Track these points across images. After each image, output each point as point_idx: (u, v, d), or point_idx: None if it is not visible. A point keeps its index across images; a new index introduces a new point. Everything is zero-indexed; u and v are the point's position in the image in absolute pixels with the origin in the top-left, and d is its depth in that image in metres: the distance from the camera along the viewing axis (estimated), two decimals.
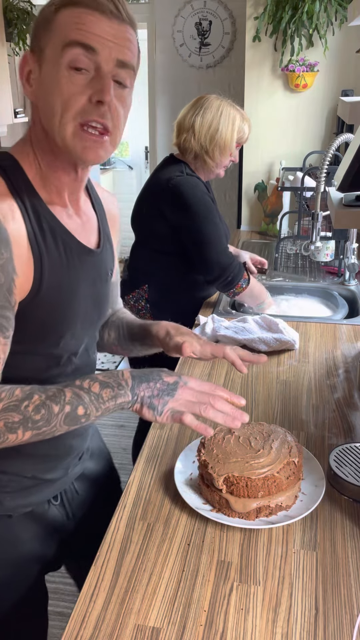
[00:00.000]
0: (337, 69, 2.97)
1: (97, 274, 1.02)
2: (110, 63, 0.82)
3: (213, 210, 1.88)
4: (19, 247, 0.84)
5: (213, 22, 4.48)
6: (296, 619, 0.84)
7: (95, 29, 0.81)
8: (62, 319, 0.95)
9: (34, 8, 4.28)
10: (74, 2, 0.82)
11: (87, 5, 0.81)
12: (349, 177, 1.11)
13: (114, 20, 0.83)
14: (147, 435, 1.30)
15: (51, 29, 0.83)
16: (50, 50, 0.83)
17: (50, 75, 0.83)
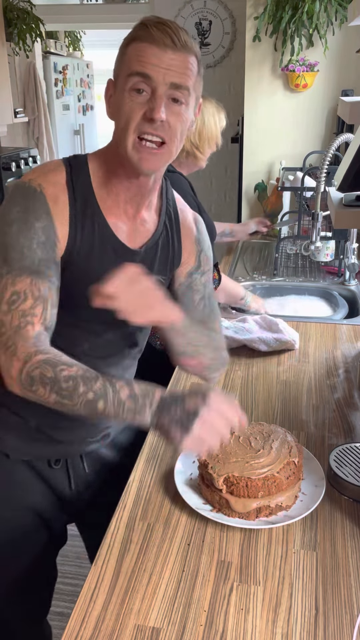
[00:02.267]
0: (337, 69, 2.97)
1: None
2: (164, 86, 0.97)
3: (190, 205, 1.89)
4: (58, 217, 1.00)
5: (213, 22, 4.48)
6: (296, 619, 0.84)
7: (152, 59, 0.96)
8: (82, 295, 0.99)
9: (33, 8, 4.28)
10: (138, 37, 0.98)
11: (147, 40, 0.97)
12: (349, 177, 1.11)
13: (169, 50, 0.97)
14: (147, 435, 1.29)
15: (122, 60, 0.99)
16: (120, 79, 0.99)
17: (120, 98, 0.99)
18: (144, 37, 0.97)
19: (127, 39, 1.00)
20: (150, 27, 0.96)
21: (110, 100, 1.04)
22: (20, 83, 5.21)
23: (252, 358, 1.66)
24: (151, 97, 0.97)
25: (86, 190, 1.03)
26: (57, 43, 6.18)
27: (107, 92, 1.05)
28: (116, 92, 1.01)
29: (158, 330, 1.37)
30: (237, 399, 1.45)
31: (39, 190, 0.99)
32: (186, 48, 0.98)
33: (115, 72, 1.02)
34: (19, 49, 4.29)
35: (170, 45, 0.96)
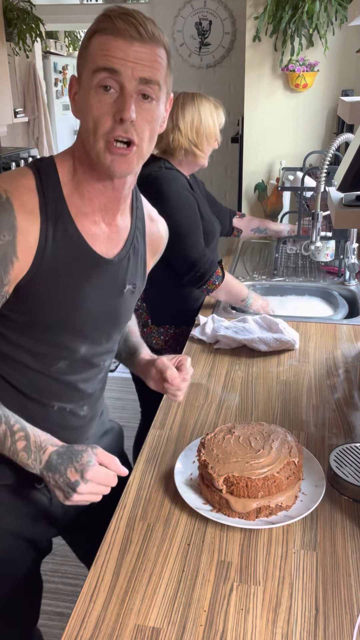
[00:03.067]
0: (337, 69, 2.97)
1: (109, 282, 1.07)
2: (133, 82, 0.91)
3: (189, 204, 1.87)
4: (27, 234, 0.93)
5: (213, 22, 4.48)
6: (296, 619, 0.84)
7: (118, 53, 0.90)
8: (65, 316, 1.01)
9: (33, 8, 4.28)
10: (101, 30, 0.91)
11: (111, 32, 0.90)
12: (349, 177, 1.11)
13: (136, 43, 0.91)
14: (147, 435, 1.30)
15: (85, 55, 0.94)
16: (85, 75, 0.94)
17: (85, 96, 0.93)
18: (108, 29, 0.90)
19: (90, 31, 0.93)
20: (114, 18, 0.90)
21: (75, 99, 0.97)
22: (20, 83, 5.21)
23: (252, 358, 1.66)
24: (120, 95, 0.91)
25: (57, 195, 0.97)
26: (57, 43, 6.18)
27: (71, 90, 0.98)
28: (81, 90, 0.95)
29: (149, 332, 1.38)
30: (237, 399, 1.45)
31: (5, 197, 0.91)
32: (154, 39, 0.92)
33: (79, 68, 0.96)
34: (19, 49, 4.29)
35: (137, 37, 0.90)
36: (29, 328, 1.00)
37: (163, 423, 1.34)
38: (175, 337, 2.01)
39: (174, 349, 2.00)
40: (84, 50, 0.94)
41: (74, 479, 0.96)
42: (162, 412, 1.38)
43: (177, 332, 2.01)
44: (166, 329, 2.00)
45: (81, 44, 0.96)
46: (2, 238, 0.90)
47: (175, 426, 1.32)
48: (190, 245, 1.85)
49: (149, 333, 2.00)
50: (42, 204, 0.94)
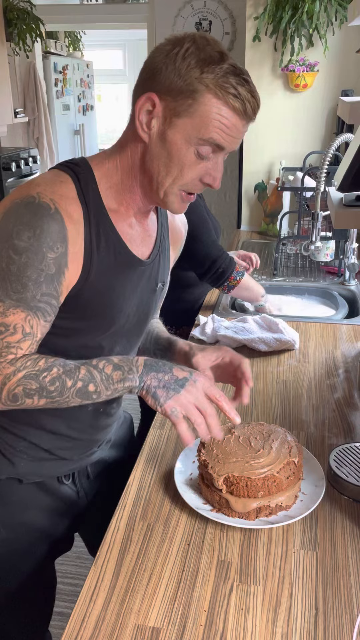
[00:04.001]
0: (337, 69, 2.97)
1: (145, 282, 1.10)
2: (227, 154, 0.98)
3: (197, 205, 1.87)
4: (74, 245, 0.93)
5: (213, 22, 4.48)
6: (296, 619, 0.84)
7: (233, 132, 0.93)
8: (106, 313, 1.03)
9: (34, 8, 4.28)
10: (229, 105, 0.90)
11: (238, 113, 0.91)
12: (349, 177, 1.11)
13: (247, 122, 0.95)
14: (147, 435, 1.30)
15: (195, 105, 0.90)
16: (186, 126, 0.92)
17: (178, 146, 0.93)
18: (237, 109, 0.91)
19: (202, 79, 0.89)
20: (246, 101, 0.91)
21: (152, 123, 0.93)
22: (20, 83, 5.22)
23: (252, 358, 1.66)
24: (215, 166, 0.96)
25: (97, 203, 0.97)
26: (57, 43, 6.18)
27: (144, 107, 0.93)
28: (170, 130, 0.92)
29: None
30: None
31: (54, 207, 0.90)
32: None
33: (175, 103, 0.91)
34: (19, 49, 4.29)
35: (251, 117, 0.94)
36: (71, 333, 1.01)
37: (163, 423, 1.34)
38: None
39: None
40: (192, 93, 0.90)
41: (182, 375, 0.97)
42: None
43: (178, 332, 2.00)
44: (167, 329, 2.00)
45: (184, 80, 0.89)
46: (57, 250, 0.90)
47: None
48: (208, 242, 1.85)
49: None
50: (85, 212, 0.95)
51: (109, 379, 0.94)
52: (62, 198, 0.91)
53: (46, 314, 0.92)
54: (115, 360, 0.96)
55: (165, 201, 0.99)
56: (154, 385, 0.95)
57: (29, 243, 0.87)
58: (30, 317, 0.89)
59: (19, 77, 5.19)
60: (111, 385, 0.95)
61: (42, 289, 0.89)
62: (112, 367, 0.95)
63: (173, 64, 0.90)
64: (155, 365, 0.97)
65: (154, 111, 0.92)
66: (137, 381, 0.96)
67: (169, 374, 0.97)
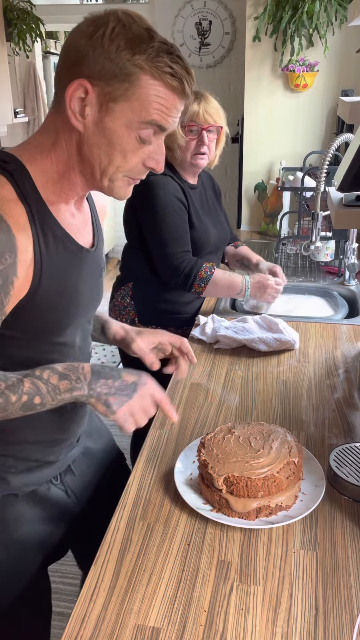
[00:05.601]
0: (337, 69, 2.97)
1: (93, 270, 1.08)
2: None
3: (175, 211, 1.85)
4: (25, 252, 0.89)
5: (213, 22, 4.48)
6: (296, 619, 0.84)
7: (173, 112, 0.91)
8: (64, 315, 1.01)
9: (33, 8, 4.28)
10: (167, 84, 0.88)
11: (176, 91, 0.89)
12: (349, 177, 1.11)
13: (184, 100, 0.93)
14: (147, 435, 1.30)
15: (131, 88, 0.87)
16: (125, 111, 0.88)
17: (119, 133, 0.90)
18: (175, 88, 0.89)
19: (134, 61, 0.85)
20: (183, 79, 0.89)
21: (86, 111, 0.88)
22: (20, 83, 5.22)
23: (252, 358, 1.66)
24: (157, 149, 0.93)
25: (37, 200, 0.92)
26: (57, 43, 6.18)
27: (75, 93, 0.87)
28: (108, 117, 0.89)
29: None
30: (237, 399, 1.45)
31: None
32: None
33: (109, 88, 0.87)
34: (19, 49, 4.29)
35: (188, 95, 0.92)
36: (32, 338, 0.99)
37: (163, 423, 1.34)
38: None
39: None
40: (127, 77, 0.86)
41: (131, 380, 0.98)
42: (162, 412, 1.38)
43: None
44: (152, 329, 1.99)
45: (116, 64, 0.86)
46: (4, 262, 0.85)
47: (175, 426, 1.32)
48: (170, 251, 1.84)
49: None
50: (28, 213, 0.90)
51: (55, 390, 0.92)
52: (4, 202, 0.86)
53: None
54: (59, 369, 0.93)
55: (111, 188, 0.96)
56: (105, 392, 0.95)
57: None
58: None
59: (19, 77, 5.19)
60: (58, 395, 0.92)
61: None
62: (57, 377, 0.92)
63: (101, 46, 0.85)
64: (102, 371, 0.96)
65: (87, 98, 0.87)
66: (85, 390, 0.94)
67: (118, 379, 0.97)
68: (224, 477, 1.01)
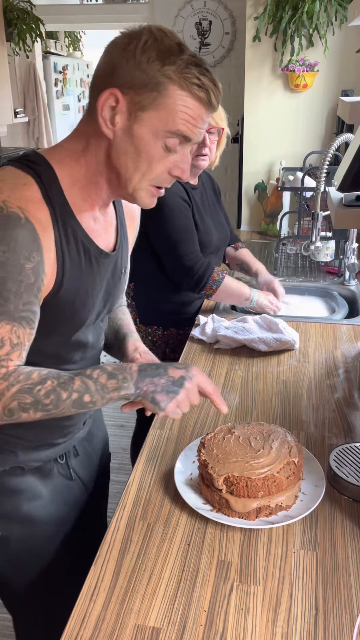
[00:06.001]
0: (337, 69, 2.97)
1: (111, 272, 1.11)
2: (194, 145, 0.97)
3: (182, 211, 1.85)
4: (48, 251, 0.93)
5: (213, 22, 4.48)
6: (296, 619, 0.84)
7: (199, 123, 0.93)
8: (79, 313, 1.04)
9: (33, 8, 4.28)
10: (194, 95, 0.90)
11: (204, 103, 0.91)
12: (349, 177, 1.11)
13: (211, 112, 0.95)
14: (147, 435, 1.30)
15: (159, 97, 0.90)
16: (153, 119, 0.91)
17: (145, 140, 0.93)
18: (202, 99, 0.91)
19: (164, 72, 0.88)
20: (210, 91, 0.91)
21: (116, 119, 0.91)
22: (20, 83, 5.22)
23: (252, 358, 1.66)
24: (182, 158, 0.96)
25: (62, 203, 0.95)
26: (57, 43, 6.18)
27: (107, 102, 0.91)
28: (137, 125, 0.91)
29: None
30: (237, 399, 1.45)
31: (24, 217, 0.88)
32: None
33: (139, 97, 0.90)
34: (19, 49, 4.29)
35: (215, 107, 0.94)
36: (46, 334, 1.01)
37: (163, 423, 1.34)
38: (164, 338, 1.99)
39: (162, 351, 1.99)
40: (156, 86, 0.89)
41: (178, 375, 0.99)
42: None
43: (166, 334, 1.99)
44: (154, 329, 1.99)
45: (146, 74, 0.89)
46: (33, 259, 0.89)
47: (175, 426, 1.32)
48: (182, 252, 1.84)
49: (137, 332, 1.99)
50: (52, 215, 0.93)
51: (104, 389, 0.95)
52: (29, 203, 0.89)
53: (30, 322, 0.92)
54: (109, 369, 0.97)
55: (135, 196, 0.99)
56: (151, 390, 0.97)
57: (5, 257, 0.86)
58: (15, 328, 0.89)
59: (19, 77, 5.19)
60: (106, 394, 0.96)
61: (23, 298, 0.89)
62: (106, 376, 0.96)
63: (133, 57, 0.88)
64: (149, 369, 0.99)
65: (118, 107, 0.91)
66: (132, 389, 0.97)
67: (164, 376, 0.99)
68: (224, 477, 1.01)
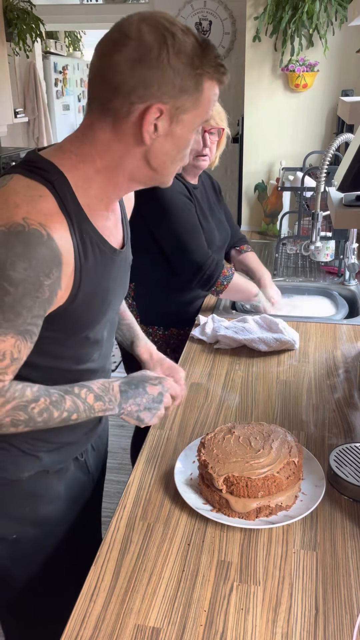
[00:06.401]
0: (337, 69, 2.97)
1: (122, 268, 1.11)
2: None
3: (187, 208, 1.85)
4: (68, 265, 0.92)
5: (213, 22, 4.48)
6: (296, 619, 0.84)
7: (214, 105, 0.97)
8: (97, 313, 1.05)
9: (33, 8, 4.28)
10: (218, 80, 0.93)
11: (221, 82, 0.94)
12: (349, 177, 1.11)
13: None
14: (147, 435, 1.30)
15: (197, 97, 0.91)
16: (192, 118, 0.93)
17: (186, 138, 0.95)
18: (223, 82, 0.94)
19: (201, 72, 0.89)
20: (225, 72, 0.93)
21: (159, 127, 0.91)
22: (20, 83, 5.22)
23: (252, 358, 1.66)
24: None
25: (77, 210, 0.93)
26: (57, 43, 6.18)
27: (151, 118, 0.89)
28: (177, 126, 0.92)
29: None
30: (237, 399, 1.45)
31: (46, 234, 0.85)
32: None
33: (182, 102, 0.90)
34: (19, 49, 4.29)
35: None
36: (66, 337, 1.02)
37: (163, 423, 1.34)
38: (165, 338, 1.99)
39: (163, 351, 1.98)
40: (194, 90, 0.90)
41: (157, 391, 1.10)
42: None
43: (167, 334, 1.99)
44: (155, 329, 1.99)
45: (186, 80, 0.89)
46: (52, 276, 0.88)
47: (175, 426, 1.32)
48: (192, 248, 1.83)
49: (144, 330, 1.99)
50: (70, 225, 0.91)
51: (91, 409, 1.02)
52: (48, 218, 0.87)
53: (33, 336, 0.91)
54: (95, 389, 1.03)
55: (165, 182, 1.01)
56: (135, 410, 1.07)
57: (26, 274, 0.84)
58: (19, 342, 0.89)
59: (19, 77, 5.19)
60: (92, 414, 1.03)
61: (33, 312, 0.88)
62: (93, 397, 1.02)
63: (168, 66, 0.87)
64: (129, 390, 1.07)
65: (160, 117, 0.90)
66: (117, 410, 1.06)
67: (144, 396, 1.08)
68: (224, 477, 1.01)
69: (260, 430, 1.12)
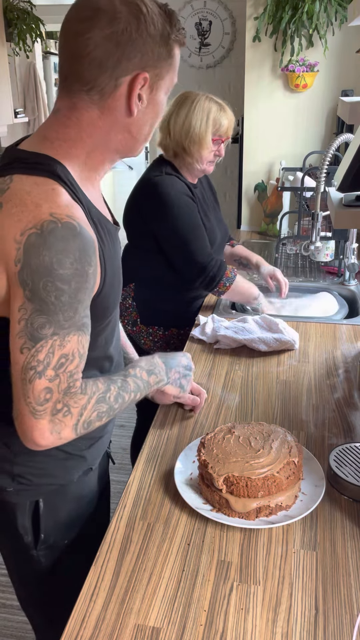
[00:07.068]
0: (337, 69, 2.97)
1: (119, 244, 1.11)
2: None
3: (190, 208, 1.84)
4: (96, 250, 0.92)
5: (213, 22, 4.48)
6: (296, 619, 0.84)
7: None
8: (117, 295, 1.07)
9: (34, 8, 4.28)
10: (183, 43, 0.98)
11: (183, 44, 0.99)
12: (349, 177, 1.11)
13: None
14: (147, 435, 1.30)
15: (171, 63, 0.96)
16: (167, 82, 0.97)
17: (162, 103, 0.99)
18: (184, 43, 0.98)
19: (172, 39, 0.94)
20: (185, 35, 0.98)
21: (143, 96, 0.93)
22: (20, 83, 5.22)
23: (252, 358, 1.66)
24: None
25: (82, 194, 0.94)
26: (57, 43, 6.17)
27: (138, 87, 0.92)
28: (157, 93, 0.96)
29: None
30: (237, 399, 1.45)
31: (77, 224, 0.85)
32: None
33: (160, 70, 0.94)
34: (19, 49, 4.29)
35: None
36: (98, 324, 1.01)
37: (163, 423, 1.34)
38: (165, 339, 1.99)
39: (163, 351, 1.98)
40: (168, 56, 0.94)
41: (186, 362, 1.25)
42: (162, 412, 1.38)
43: (167, 334, 1.99)
44: (155, 329, 1.98)
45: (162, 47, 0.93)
46: (94, 263, 0.89)
47: (175, 426, 1.32)
48: (196, 249, 1.83)
49: (138, 332, 1.99)
50: (85, 211, 0.91)
51: (147, 385, 1.10)
52: (70, 207, 0.86)
53: (89, 327, 0.92)
54: (143, 365, 1.11)
55: (139, 150, 1.03)
56: (177, 377, 1.20)
57: (74, 268, 0.84)
58: (81, 337, 0.90)
59: (19, 77, 5.19)
60: (149, 388, 1.11)
61: (84, 304, 0.89)
62: (146, 373, 1.10)
63: (148, 35, 0.90)
64: (168, 360, 1.18)
65: (144, 86, 0.93)
66: (165, 379, 1.16)
67: (180, 366, 1.21)
68: (224, 477, 1.01)
69: (260, 430, 1.12)
